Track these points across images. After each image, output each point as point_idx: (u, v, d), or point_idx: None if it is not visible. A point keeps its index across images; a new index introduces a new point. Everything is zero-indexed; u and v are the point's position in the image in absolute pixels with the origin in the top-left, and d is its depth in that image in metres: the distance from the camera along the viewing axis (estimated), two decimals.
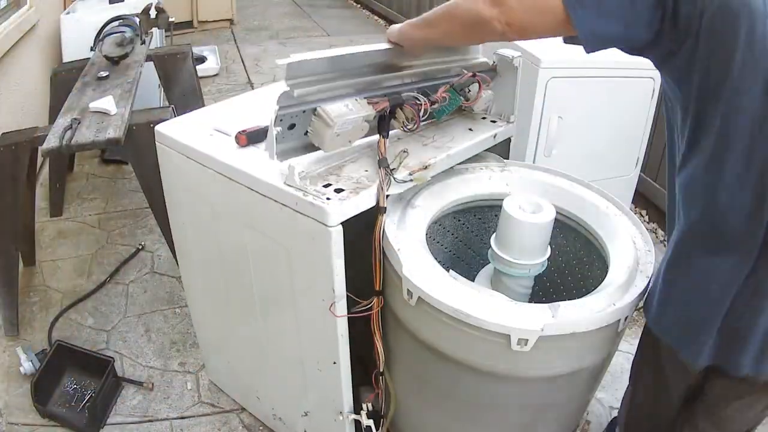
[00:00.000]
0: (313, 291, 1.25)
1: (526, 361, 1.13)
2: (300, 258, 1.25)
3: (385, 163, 1.23)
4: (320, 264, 1.19)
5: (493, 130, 1.48)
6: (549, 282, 1.59)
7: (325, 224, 1.13)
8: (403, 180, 1.24)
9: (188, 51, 2.86)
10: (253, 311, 1.49)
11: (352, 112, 1.19)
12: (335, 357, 1.32)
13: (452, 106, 1.41)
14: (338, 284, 1.20)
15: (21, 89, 2.87)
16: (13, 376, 1.92)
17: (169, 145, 1.42)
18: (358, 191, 1.18)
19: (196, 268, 1.65)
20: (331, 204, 1.13)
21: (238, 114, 1.52)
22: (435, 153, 1.34)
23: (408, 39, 1.29)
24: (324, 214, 1.12)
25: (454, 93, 1.40)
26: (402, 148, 1.31)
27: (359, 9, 6.93)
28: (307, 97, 1.17)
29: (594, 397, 1.82)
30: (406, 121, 1.31)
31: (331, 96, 1.21)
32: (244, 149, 1.33)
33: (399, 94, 1.31)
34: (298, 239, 1.22)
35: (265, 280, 1.40)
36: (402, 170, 1.25)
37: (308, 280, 1.26)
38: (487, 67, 1.50)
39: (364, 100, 1.24)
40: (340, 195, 1.16)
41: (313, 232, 1.16)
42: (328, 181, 1.20)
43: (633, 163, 2.38)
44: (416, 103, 1.30)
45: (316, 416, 1.54)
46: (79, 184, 3.05)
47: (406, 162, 1.28)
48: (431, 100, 1.34)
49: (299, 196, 1.15)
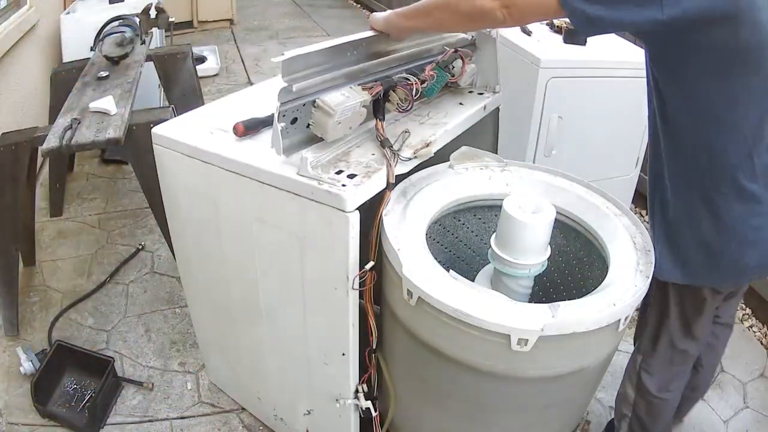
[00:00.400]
0: (325, 280, 1.27)
1: (526, 361, 1.13)
2: (313, 247, 1.26)
3: (389, 143, 1.27)
4: (337, 251, 1.21)
5: (481, 101, 1.57)
6: (549, 282, 1.59)
7: (343, 210, 1.15)
8: (408, 158, 1.28)
9: (188, 51, 2.86)
10: (257, 310, 1.49)
11: (350, 99, 1.22)
12: (345, 348, 1.33)
13: (440, 82, 1.48)
14: (353, 270, 1.22)
15: (21, 89, 2.87)
16: (13, 376, 1.92)
17: (169, 146, 1.41)
18: (369, 175, 1.20)
19: (196, 269, 1.65)
20: (347, 190, 1.15)
21: (235, 111, 1.51)
22: (433, 130, 1.39)
23: (395, 28, 1.33)
24: (341, 200, 1.14)
25: (440, 70, 1.47)
26: (403, 129, 1.35)
27: (359, 9, 6.93)
28: (305, 91, 1.20)
29: (594, 397, 1.83)
30: (400, 102, 1.36)
31: (328, 87, 1.24)
32: (245, 143, 1.34)
33: (390, 77, 1.37)
34: (312, 228, 1.23)
35: (272, 275, 1.41)
36: (405, 149, 1.29)
37: (321, 269, 1.27)
38: (466, 42, 1.58)
39: (359, 87, 1.27)
40: (354, 180, 1.18)
41: (330, 219, 1.18)
42: (339, 168, 1.22)
43: (633, 163, 2.38)
44: (408, 83, 1.36)
45: (320, 413, 1.54)
46: (79, 184, 3.05)
47: (409, 141, 1.33)
48: (421, 78, 1.39)
49: (314, 185, 1.17)
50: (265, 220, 1.32)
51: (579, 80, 2.11)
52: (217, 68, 4.53)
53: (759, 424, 1.89)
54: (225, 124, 1.41)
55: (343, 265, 1.21)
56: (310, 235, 1.25)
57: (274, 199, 1.24)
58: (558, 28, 2.28)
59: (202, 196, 1.44)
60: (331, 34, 5.77)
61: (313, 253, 1.27)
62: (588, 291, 1.19)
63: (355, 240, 1.19)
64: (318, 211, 1.19)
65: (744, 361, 2.13)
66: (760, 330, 2.30)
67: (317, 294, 1.32)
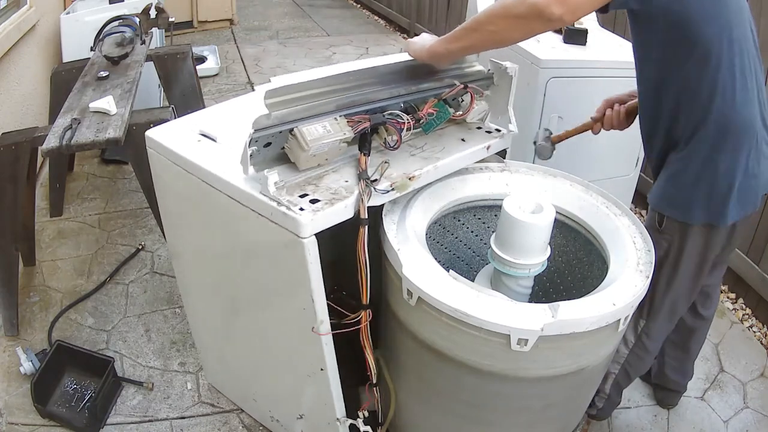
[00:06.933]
0: (293, 299, 1.24)
1: (526, 361, 1.13)
2: (278, 267, 1.23)
3: (366, 176, 1.20)
4: (297, 274, 1.17)
5: (486, 141, 1.43)
6: (549, 282, 1.59)
7: (298, 235, 1.11)
8: (384, 191, 1.21)
9: (188, 51, 2.86)
10: (245, 317, 1.49)
11: (329, 134, 1.17)
12: (322, 364, 1.30)
13: (441, 119, 1.38)
14: (317, 294, 1.18)
15: (21, 89, 2.87)
16: (13, 376, 1.92)
17: (158, 150, 1.40)
18: (333, 202, 1.15)
19: (189, 272, 1.65)
20: (304, 215, 1.10)
21: (228, 119, 1.49)
22: (421, 164, 1.30)
23: (441, 56, 1.28)
24: (297, 224, 1.10)
25: (442, 106, 1.37)
26: (383, 159, 1.28)
27: (359, 9, 6.93)
28: (286, 117, 1.15)
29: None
30: (387, 139, 1.29)
31: (311, 114, 1.18)
32: (229, 153, 1.26)
33: (382, 111, 1.28)
34: (275, 248, 1.20)
35: (251, 287, 1.40)
36: (383, 181, 1.23)
37: (288, 290, 1.25)
38: (482, 76, 1.45)
39: (344, 120, 1.21)
40: (315, 206, 1.13)
41: (288, 242, 1.14)
42: (305, 192, 1.17)
43: (633, 163, 2.38)
44: (398, 122, 1.27)
45: (311, 419, 1.53)
46: (79, 184, 3.04)
47: (389, 173, 1.25)
48: (415, 117, 1.30)
49: (273, 206, 1.13)
50: (238, 234, 1.30)
51: (579, 80, 2.11)
52: (217, 68, 4.53)
53: (759, 424, 1.89)
54: (216, 131, 1.38)
55: (306, 289, 1.18)
56: (274, 255, 1.22)
57: (242, 215, 1.21)
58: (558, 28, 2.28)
59: (188, 202, 1.42)
60: (331, 34, 5.77)
61: (279, 273, 1.24)
62: (588, 291, 1.19)
63: (315, 265, 1.15)
64: (277, 233, 1.15)
65: (744, 361, 2.13)
66: (760, 330, 2.30)
67: (289, 312, 1.29)
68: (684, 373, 1.84)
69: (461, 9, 4.33)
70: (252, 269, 1.34)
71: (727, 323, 2.32)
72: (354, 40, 5.58)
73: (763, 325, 2.32)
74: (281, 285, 1.27)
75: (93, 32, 2.81)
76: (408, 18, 5.70)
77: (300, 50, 5.19)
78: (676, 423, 1.88)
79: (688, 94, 1.24)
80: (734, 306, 2.42)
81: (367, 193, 1.17)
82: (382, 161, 1.27)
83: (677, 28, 1.18)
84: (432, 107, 1.34)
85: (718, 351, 2.17)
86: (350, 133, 1.20)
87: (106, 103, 1.97)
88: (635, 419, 1.88)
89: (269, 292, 1.32)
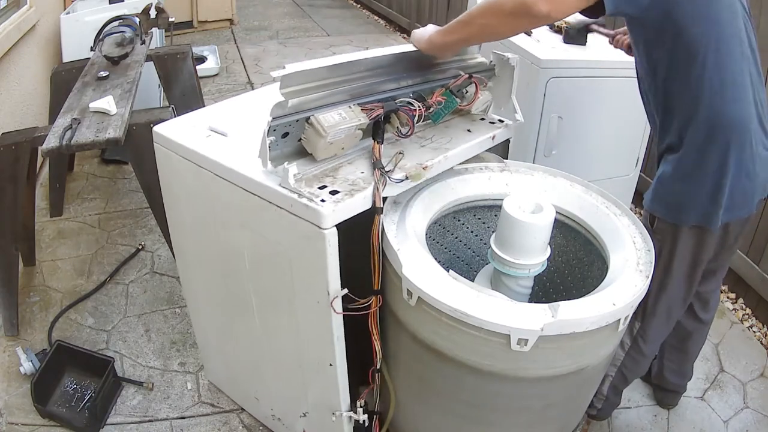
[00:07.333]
0: (309, 293, 1.25)
1: (526, 361, 1.13)
2: (296, 260, 1.24)
3: (380, 165, 1.23)
4: (316, 266, 1.18)
5: (491, 131, 1.48)
6: (549, 282, 1.59)
7: (320, 227, 1.13)
8: (399, 180, 1.24)
9: (188, 51, 2.86)
10: (251, 313, 1.49)
11: (345, 120, 1.19)
12: (331, 359, 1.31)
13: (448, 108, 1.41)
14: (333, 286, 1.19)
15: (21, 89, 2.87)
16: (13, 376, 1.92)
17: (167, 145, 1.41)
18: (353, 193, 1.17)
19: (195, 269, 1.65)
20: (326, 206, 1.12)
21: (236, 114, 1.51)
22: (433, 154, 1.34)
23: (439, 47, 1.33)
24: (319, 216, 1.12)
25: (449, 95, 1.40)
26: (398, 150, 1.31)
27: (359, 9, 6.93)
28: (301, 107, 1.16)
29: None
30: (400, 127, 1.32)
31: (326, 103, 1.20)
32: (240, 147, 1.31)
33: (394, 100, 1.31)
34: (294, 241, 1.21)
35: (262, 282, 1.40)
36: (398, 171, 1.25)
37: (305, 282, 1.26)
38: (485, 67, 1.50)
39: (358, 108, 1.23)
40: (335, 197, 1.15)
41: (309, 234, 1.15)
42: (323, 183, 1.19)
43: (633, 163, 2.38)
44: (410, 109, 1.30)
45: (315, 416, 1.53)
46: (79, 184, 3.05)
47: (403, 163, 1.28)
48: (426, 104, 1.34)
49: (294, 198, 1.14)
50: (252, 228, 1.31)
51: (579, 80, 2.11)
52: (217, 68, 4.53)
53: (759, 424, 1.89)
54: (225, 126, 1.40)
55: (323, 281, 1.19)
56: (292, 248, 1.23)
57: (259, 208, 1.23)
58: (558, 28, 2.28)
59: (197, 197, 1.43)
60: (331, 34, 5.77)
61: (296, 266, 1.25)
62: (588, 291, 1.19)
63: (334, 257, 1.16)
64: (297, 225, 1.16)
65: (744, 361, 2.13)
66: (760, 330, 2.30)
67: (302, 304, 1.30)
68: (683, 374, 1.84)
69: (461, 9, 4.33)
70: (265, 263, 1.34)
71: (727, 323, 2.32)
72: (354, 40, 5.58)
73: (763, 325, 2.32)
74: (297, 278, 1.27)
75: (93, 32, 2.81)
76: (408, 18, 5.70)
77: (300, 50, 5.19)
78: (676, 423, 1.88)
79: (677, 93, 1.25)
80: (734, 306, 2.42)
81: (382, 182, 1.20)
82: (397, 152, 1.30)
83: (665, 27, 1.18)
84: (440, 95, 1.38)
85: (718, 351, 2.17)
86: (365, 119, 1.22)
87: (106, 103, 1.97)
88: (635, 419, 1.88)
89: (282, 286, 1.32)
